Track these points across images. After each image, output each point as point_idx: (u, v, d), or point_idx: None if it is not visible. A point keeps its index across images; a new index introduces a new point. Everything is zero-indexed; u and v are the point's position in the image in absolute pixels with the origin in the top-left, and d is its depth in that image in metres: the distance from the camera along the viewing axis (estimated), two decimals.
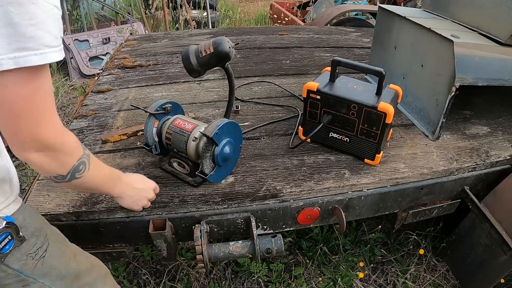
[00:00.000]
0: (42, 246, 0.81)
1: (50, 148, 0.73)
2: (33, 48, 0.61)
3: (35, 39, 0.61)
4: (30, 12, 0.59)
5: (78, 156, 0.81)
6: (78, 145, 0.82)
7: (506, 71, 1.43)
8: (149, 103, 1.64)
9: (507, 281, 1.47)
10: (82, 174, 0.83)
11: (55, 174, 0.79)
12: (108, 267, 1.79)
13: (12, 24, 0.58)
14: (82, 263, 0.94)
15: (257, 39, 2.74)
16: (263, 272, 1.74)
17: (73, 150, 0.79)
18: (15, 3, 0.57)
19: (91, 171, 0.85)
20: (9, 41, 0.59)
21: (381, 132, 1.29)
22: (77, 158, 0.81)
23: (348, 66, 1.33)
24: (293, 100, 1.84)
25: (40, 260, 0.80)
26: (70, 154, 0.79)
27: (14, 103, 0.64)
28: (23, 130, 0.68)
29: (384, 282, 1.77)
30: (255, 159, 1.40)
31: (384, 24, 1.88)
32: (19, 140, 0.69)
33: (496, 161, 1.45)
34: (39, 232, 0.82)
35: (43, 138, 0.70)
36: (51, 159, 0.75)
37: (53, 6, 0.62)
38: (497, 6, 1.48)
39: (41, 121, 0.69)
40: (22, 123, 0.67)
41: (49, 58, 0.63)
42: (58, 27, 0.64)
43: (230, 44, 1.22)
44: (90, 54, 4.08)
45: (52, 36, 0.63)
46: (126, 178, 1.05)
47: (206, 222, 1.18)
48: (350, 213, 1.33)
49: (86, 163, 0.83)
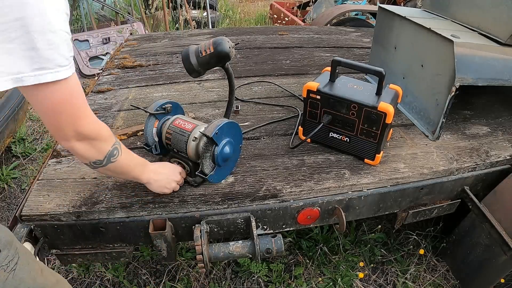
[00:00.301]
0: (13, 259, 0.82)
1: (88, 137, 0.90)
2: (49, 67, 0.75)
3: (51, 60, 0.75)
4: (49, 39, 0.73)
5: (112, 142, 0.97)
6: (111, 133, 0.97)
7: (506, 71, 1.43)
8: (149, 103, 1.64)
9: (507, 281, 1.47)
10: (116, 158, 0.99)
11: (94, 159, 0.95)
12: (108, 267, 1.80)
13: (34, 48, 0.72)
14: (48, 278, 0.95)
15: (257, 39, 2.74)
16: (263, 272, 1.74)
17: (107, 137, 0.95)
18: (38, 32, 0.71)
19: (123, 156, 1.01)
20: (31, 62, 0.73)
21: (381, 132, 1.29)
22: (111, 144, 0.97)
23: (348, 66, 1.33)
24: (293, 100, 1.84)
25: (11, 272, 0.81)
26: (105, 141, 0.95)
27: (56, 107, 0.81)
28: (66, 125, 0.85)
29: (384, 282, 1.77)
30: (255, 159, 1.40)
31: (384, 24, 1.88)
32: (63, 134, 0.86)
33: (496, 161, 1.45)
34: (10, 245, 0.83)
35: (82, 130, 0.87)
36: (90, 146, 0.91)
37: (66, 33, 0.77)
38: (497, 6, 1.48)
39: (79, 116, 0.86)
40: (64, 120, 0.84)
41: (60, 76, 0.77)
42: (69, 50, 0.79)
43: (230, 44, 1.22)
44: (90, 54, 4.08)
45: (64, 57, 0.77)
46: (152, 165, 1.16)
47: (206, 222, 1.18)
48: (350, 213, 1.33)
49: (119, 148, 0.99)
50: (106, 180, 1.27)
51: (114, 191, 1.22)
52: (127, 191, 1.22)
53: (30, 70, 0.73)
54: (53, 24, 0.73)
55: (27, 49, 0.71)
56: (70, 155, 1.41)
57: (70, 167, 1.34)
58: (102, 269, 1.81)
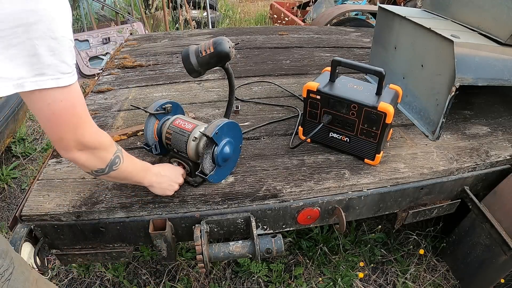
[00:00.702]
0: (8, 269, 0.82)
1: (90, 147, 0.89)
2: (50, 74, 0.74)
3: (53, 67, 0.74)
4: (51, 45, 0.72)
5: (113, 151, 0.97)
6: (112, 142, 0.97)
7: (506, 71, 1.43)
8: (149, 103, 1.64)
9: (507, 281, 1.46)
10: (118, 166, 0.98)
11: (96, 168, 0.94)
12: (108, 267, 1.80)
13: (36, 55, 0.71)
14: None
15: (257, 39, 2.74)
16: (263, 272, 1.74)
17: (108, 146, 0.95)
18: (40, 38, 0.70)
19: (125, 163, 1.01)
20: (32, 68, 0.72)
21: (381, 132, 1.29)
22: (113, 153, 0.96)
23: (348, 66, 1.33)
24: (293, 100, 1.84)
25: (6, 282, 0.81)
26: (107, 150, 0.94)
27: (57, 115, 0.80)
28: (67, 135, 0.84)
29: (384, 282, 1.77)
30: (255, 159, 1.40)
31: (384, 24, 1.88)
32: (65, 144, 0.85)
33: (496, 161, 1.45)
34: (5, 255, 0.82)
35: (83, 139, 0.86)
36: (92, 156, 0.91)
37: (68, 40, 0.76)
38: (497, 6, 1.48)
39: (80, 126, 0.85)
40: (65, 129, 0.83)
41: (62, 83, 0.76)
42: (71, 57, 0.77)
43: (230, 44, 1.22)
44: (90, 54, 4.07)
45: (66, 64, 0.76)
46: (154, 168, 1.15)
47: (206, 222, 1.18)
48: (350, 213, 1.33)
49: (120, 156, 0.99)
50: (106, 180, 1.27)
51: (114, 191, 1.22)
52: (127, 191, 1.22)
53: (30, 76, 0.73)
54: (56, 31, 0.72)
55: (29, 55, 0.71)
56: None
57: (70, 167, 1.34)
58: (102, 269, 1.81)
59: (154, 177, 1.14)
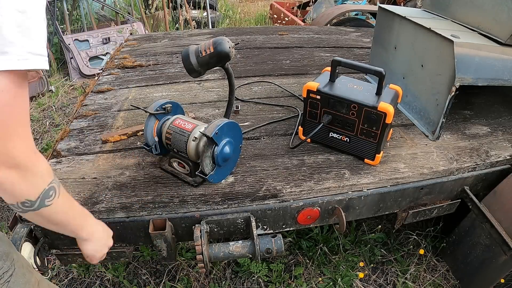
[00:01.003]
0: (8, 271, 0.80)
1: (21, 167, 0.68)
2: (16, 53, 0.60)
3: (19, 44, 0.60)
4: (17, 19, 0.59)
5: (49, 180, 0.76)
6: (50, 169, 0.77)
7: (506, 71, 1.43)
8: (149, 103, 1.64)
9: (507, 281, 1.47)
10: (51, 201, 0.77)
11: (23, 198, 0.72)
12: (108, 267, 1.80)
13: None
14: None
15: (257, 39, 2.74)
16: (263, 272, 1.74)
17: (44, 172, 0.74)
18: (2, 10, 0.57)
19: (61, 199, 0.79)
20: None
21: (381, 132, 1.29)
22: (48, 182, 0.75)
23: (348, 66, 1.33)
24: (293, 100, 1.84)
25: (5, 284, 0.79)
26: (41, 176, 0.74)
27: None
28: None
29: (384, 282, 1.77)
30: (255, 159, 1.40)
31: (384, 24, 1.88)
32: None
33: (496, 161, 1.45)
34: (6, 257, 0.80)
35: (16, 153, 0.66)
36: (22, 178, 0.69)
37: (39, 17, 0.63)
38: (497, 6, 1.48)
39: (15, 135, 0.65)
40: None
41: (30, 65, 0.62)
42: (43, 37, 0.64)
43: (230, 44, 1.22)
44: (90, 54, 4.08)
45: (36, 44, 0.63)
46: (93, 219, 0.98)
47: (206, 222, 1.18)
48: (350, 213, 1.33)
49: (56, 189, 0.78)
50: (106, 180, 1.27)
51: (114, 191, 1.22)
52: (127, 191, 1.22)
53: None
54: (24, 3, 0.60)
55: None
56: (70, 155, 1.41)
57: (70, 167, 1.34)
58: (102, 269, 1.81)
59: (94, 229, 0.97)
